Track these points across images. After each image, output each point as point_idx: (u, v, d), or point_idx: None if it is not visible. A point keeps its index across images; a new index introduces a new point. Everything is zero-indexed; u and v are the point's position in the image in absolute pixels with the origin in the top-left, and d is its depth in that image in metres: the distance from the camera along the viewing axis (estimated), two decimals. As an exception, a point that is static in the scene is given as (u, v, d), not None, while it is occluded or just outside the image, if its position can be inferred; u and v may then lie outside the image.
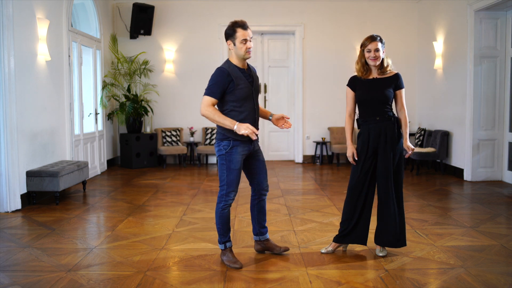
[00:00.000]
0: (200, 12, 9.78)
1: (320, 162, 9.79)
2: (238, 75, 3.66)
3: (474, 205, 5.94)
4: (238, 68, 3.70)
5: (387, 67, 3.92)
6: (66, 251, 4.18)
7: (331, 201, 6.16)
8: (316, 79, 9.90)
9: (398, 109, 3.98)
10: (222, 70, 3.64)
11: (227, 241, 3.84)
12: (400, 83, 3.92)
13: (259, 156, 3.90)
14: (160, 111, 9.85)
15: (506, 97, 7.46)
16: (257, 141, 3.85)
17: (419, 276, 3.55)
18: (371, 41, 3.85)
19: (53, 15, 6.76)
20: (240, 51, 3.64)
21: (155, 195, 6.68)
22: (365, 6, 9.83)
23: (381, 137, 3.88)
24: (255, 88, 3.79)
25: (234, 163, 3.69)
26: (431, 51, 9.02)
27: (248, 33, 3.65)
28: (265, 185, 3.97)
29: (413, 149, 3.91)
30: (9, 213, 5.61)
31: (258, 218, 4.00)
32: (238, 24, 3.64)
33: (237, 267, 3.73)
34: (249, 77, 3.76)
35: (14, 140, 5.67)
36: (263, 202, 4.00)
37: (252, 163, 3.88)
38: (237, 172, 3.71)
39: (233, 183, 3.72)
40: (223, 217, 3.78)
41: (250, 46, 3.64)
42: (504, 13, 7.34)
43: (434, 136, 8.44)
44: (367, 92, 3.91)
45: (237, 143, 3.68)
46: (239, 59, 3.70)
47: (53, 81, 6.79)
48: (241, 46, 3.62)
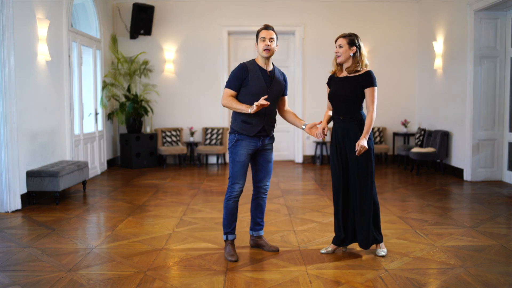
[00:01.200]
0: (200, 12, 9.78)
1: (320, 162, 9.79)
2: (255, 71, 3.87)
3: (474, 205, 5.94)
4: (259, 67, 3.90)
5: (355, 65, 3.84)
6: (66, 251, 4.19)
7: (331, 201, 6.16)
8: (316, 79, 9.90)
9: (366, 108, 3.90)
10: (242, 65, 3.91)
11: (229, 232, 3.99)
12: (368, 81, 3.81)
13: (267, 157, 4.03)
14: (160, 111, 9.85)
15: (506, 97, 7.46)
16: (268, 140, 3.99)
17: (419, 276, 3.55)
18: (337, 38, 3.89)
19: (53, 15, 6.77)
20: (259, 48, 3.89)
21: (155, 195, 6.68)
22: (365, 6, 9.83)
23: (345, 137, 3.88)
24: (271, 89, 3.88)
25: (239, 156, 3.88)
26: (431, 51, 9.02)
27: (269, 32, 3.88)
28: (264, 184, 4.07)
29: (363, 147, 3.69)
30: (9, 213, 5.61)
31: (254, 214, 4.15)
32: (262, 27, 3.94)
33: (232, 259, 3.87)
34: (268, 77, 3.90)
35: (14, 140, 5.67)
36: (260, 200, 4.11)
37: (258, 160, 4.03)
38: (240, 165, 3.89)
39: (236, 175, 3.90)
40: (228, 208, 3.96)
41: (268, 43, 3.84)
42: (504, 13, 7.34)
43: (434, 136, 8.44)
44: (334, 90, 3.94)
45: (243, 137, 3.88)
46: (261, 58, 3.92)
47: (53, 81, 6.79)
48: (260, 44, 3.88)
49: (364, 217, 3.89)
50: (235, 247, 4.04)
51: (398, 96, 9.91)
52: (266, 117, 3.90)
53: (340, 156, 3.94)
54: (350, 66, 3.88)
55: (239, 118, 3.91)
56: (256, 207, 4.13)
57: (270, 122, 3.95)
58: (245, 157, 3.90)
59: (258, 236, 4.18)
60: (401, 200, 6.24)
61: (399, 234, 4.62)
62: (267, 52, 3.85)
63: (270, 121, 3.95)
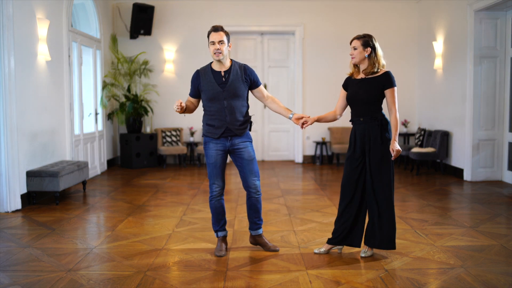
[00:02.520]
0: (200, 12, 9.78)
1: (320, 162, 9.79)
2: (207, 75, 3.94)
3: (474, 205, 5.94)
4: (212, 70, 3.96)
5: (372, 66, 3.83)
6: (66, 251, 4.19)
7: (331, 201, 6.16)
8: (316, 79, 9.90)
9: (388, 110, 3.90)
10: (196, 72, 4.03)
11: (218, 230, 4.14)
12: (388, 82, 3.81)
13: (242, 155, 4.00)
14: (160, 111, 9.85)
15: (506, 97, 7.46)
16: (239, 139, 3.97)
17: (419, 276, 3.55)
18: (351, 40, 3.91)
19: (53, 15, 6.77)
20: (210, 52, 3.90)
21: (155, 195, 6.68)
22: (365, 6, 9.83)
23: (365, 139, 3.86)
24: (227, 89, 3.88)
25: (209, 157, 4.00)
26: (431, 51, 9.02)
27: (218, 35, 3.84)
28: (251, 183, 4.03)
29: (398, 151, 3.74)
30: (9, 213, 5.61)
31: (249, 214, 4.18)
32: (211, 29, 3.91)
33: (217, 254, 4.00)
34: (221, 77, 3.91)
35: (14, 140, 5.67)
36: (253, 199, 4.09)
37: (236, 160, 4.06)
38: (212, 166, 3.99)
39: (211, 176, 4.02)
40: (212, 208, 4.09)
41: (217, 47, 3.84)
42: (504, 13, 7.34)
43: (434, 136, 8.44)
44: (352, 92, 3.91)
45: (208, 139, 4.00)
46: (215, 61, 3.95)
47: (53, 81, 6.79)
48: (210, 47, 3.87)
49: (387, 218, 3.84)
50: (226, 243, 4.16)
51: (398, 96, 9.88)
52: (228, 117, 3.90)
53: (359, 157, 3.89)
54: (366, 67, 3.85)
55: (204, 121, 4.02)
56: (250, 208, 4.12)
57: (234, 122, 3.91)
58: (215, 158, 3.96)
59: (257, 235, 4.19)
60: (401, 200, 6.24)
61: (399, 234, 4.62)
62: (218, 55, 3.85)
63: (233, 121, 3.91)
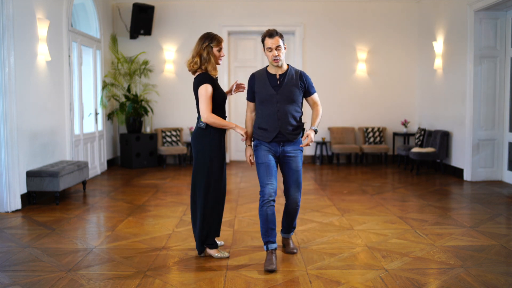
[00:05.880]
0: (200, 12, 9.78)
1: (320, 162, 9.79)
2: (262, 79, 3.88)
3: (474, 205, 5.94)
4: (267, 73, 3.89)
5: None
6: (66, 251, 4.19)
7: (331, 201, 6.16)
8: (316, 79, 9.84)
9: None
10: (251, 75, 3.97)
11: (268, 242, 3.80)
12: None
13: (291, 163, 3.90)
14: (160, 111, 9.85)
15: (506, 97, 7.46)
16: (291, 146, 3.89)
17: (419, 276, 3.55)
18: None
19: (53, 15, 6.77)
20: (268, 58, 3.83)
21: (155, 195, 6.68)
22: (365, 6, 9.83)
23: None
24: (281, 93, 3.82)
25: (260, 157, 3.86)
26: (431, 51, 9.02)
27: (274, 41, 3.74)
28: (292, 195, 3.95)
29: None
30: (9, 213, 5.61)
31: (284, 218, 4.13)
32: (266, 34, 3.80)
33: (268, 269, 3.65)
34: (276, 81, 3.85)
35: (14, 140, 5.67)
36: (292, 210, 4.02)
37: (282, 167, 3.97)
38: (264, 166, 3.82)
39: (263, 176, 3.81)
40: (262, 215, 3.79)
41: (275, 54, 3.76)
42: (504, 13, 7.34)
43: (434, 136, 8.44)
44: None
45: (259, 143, 3.91)
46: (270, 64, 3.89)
47: (53, 81, 6.79)
48: (268, 54, 3.81)
49: (199, 222, 3.96)
50: (275, 256, 3.78)
51: (398, 96, 9.90)
52: (280, 121, 3.81)
53: None
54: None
55: (256, 124, 3.93)
56: (287, 214, 4.06)
57: (286, 126, 3.82)
58: (267, 157, 3.82)
59: (285, 238, 4.22)
60: (401, 200, 6.24)
61: (399, 234, 4.63)
62: (277, 61, 3.78)
63: (286, 125, 3.82)
